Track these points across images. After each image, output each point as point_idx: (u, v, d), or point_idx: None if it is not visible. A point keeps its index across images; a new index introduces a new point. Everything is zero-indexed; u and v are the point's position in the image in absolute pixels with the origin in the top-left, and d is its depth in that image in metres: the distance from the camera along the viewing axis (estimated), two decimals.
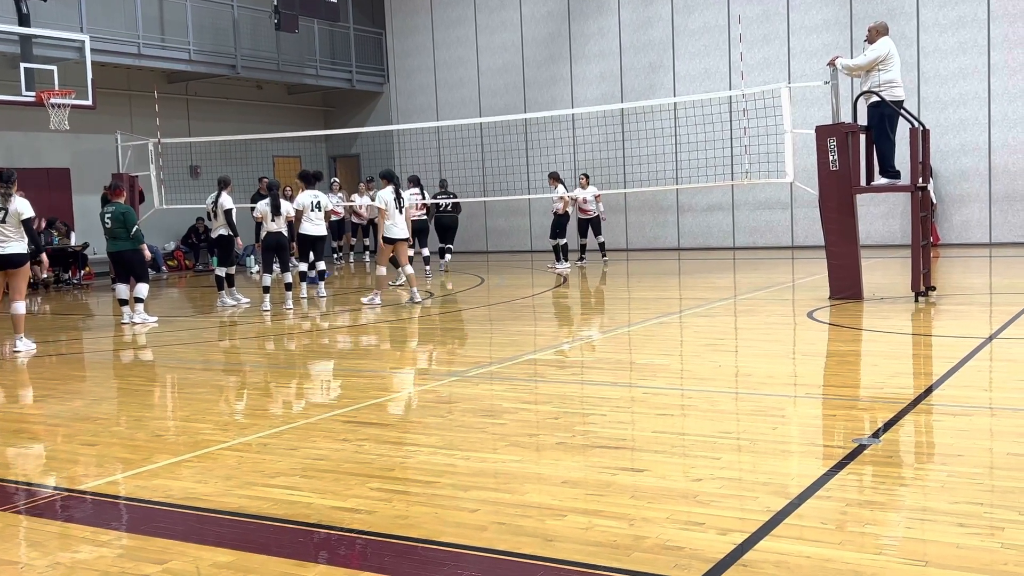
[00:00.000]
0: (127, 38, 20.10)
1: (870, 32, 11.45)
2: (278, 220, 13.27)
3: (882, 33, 11.35)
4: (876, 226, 19.88)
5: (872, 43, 11.31)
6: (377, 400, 7.06)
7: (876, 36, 11.33)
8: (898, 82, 11.27)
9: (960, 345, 8.18)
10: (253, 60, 22.79)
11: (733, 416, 6.15)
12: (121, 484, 5.14)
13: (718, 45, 21.49)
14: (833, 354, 8.54)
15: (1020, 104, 18.84)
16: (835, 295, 11.51)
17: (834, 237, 11.53)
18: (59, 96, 16.74)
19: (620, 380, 7.52)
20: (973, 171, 19.38)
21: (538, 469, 5.01)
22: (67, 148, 20.35)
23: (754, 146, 17.81)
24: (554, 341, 9.83)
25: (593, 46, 23.02)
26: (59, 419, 6.88)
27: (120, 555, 4.02)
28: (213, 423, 6.44)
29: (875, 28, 11.45)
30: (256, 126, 23.36)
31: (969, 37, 19.18)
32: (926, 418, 5.88)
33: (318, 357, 9.59)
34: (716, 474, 4.76)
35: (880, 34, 11.33)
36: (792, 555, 3.66)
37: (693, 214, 22.34)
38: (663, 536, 3.92)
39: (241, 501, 4.68)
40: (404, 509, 4.45)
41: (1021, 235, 19.02)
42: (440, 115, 24.62)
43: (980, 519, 3.97)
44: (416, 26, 25.49)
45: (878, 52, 11.09)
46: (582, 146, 22.20)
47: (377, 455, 5.42)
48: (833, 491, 4.42)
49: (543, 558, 3.76)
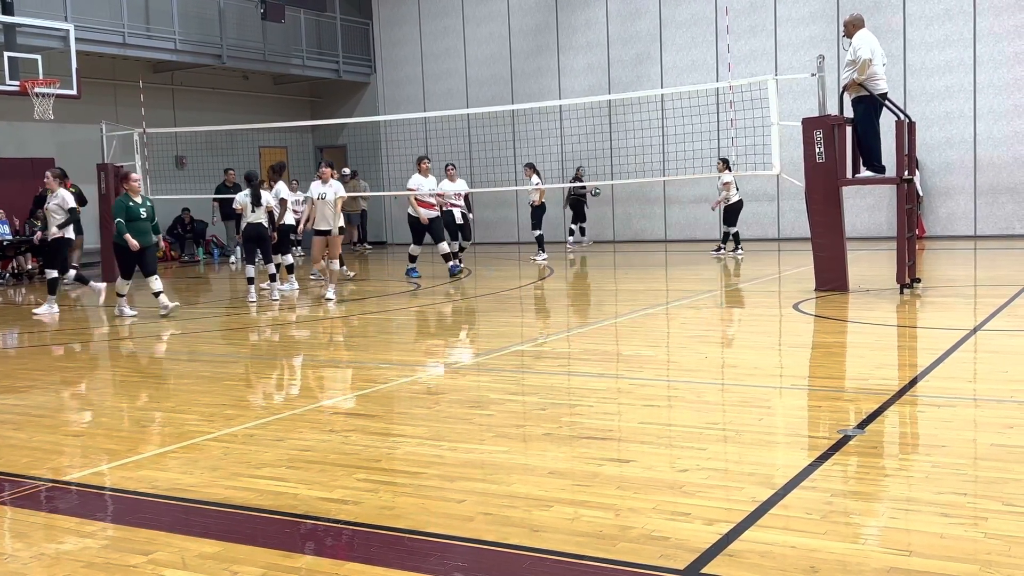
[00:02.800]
0: (112, 27, 19.96)
1: (847, 27, 11.33)
2: (258, 211, 13.29)
3: (858, 26, 11.18)
4: (862, 218, 19.94)
5: (850, 37, 11.19)
6: (363, 391, 7.05)
7: (853, 30, 11.18)
8: (880, 75, 11.23)
9: (945, 337, 8.23)
10: (239, 50, 22.67)
11: (719, 407, 6.17)
12: (106, 475, 5.12)
13: (705, 37, 21.49)
14: (819, 345, 8.57)
15: (1005, 97, 18.92)
16: (821, 287, 11.54)
17: (820, 229, 11.56)
18: (43, 85, 16.61)
19: (607, 371, 7.53)
20: (958, 164, 19.46)
21: (525, 460, 5.01)
22: (52, 138, 20.21)
23: (741, 138, 17.84)
24: (541, 332, 9.83)
25: (580, 37, 22.99)
26: (44, 410, 6.85)
27: (105, 546, 4.01)
28: (199, 414, 6.42)
29: (851, 22, 11.31)
30: (242, 116, 23.25)
31: (955, 30, 19.24)
32: (911, 409, 5.91)
33: (304, 348, 9.57)
34: (702, 465, 4.77)
35: (857, 27, 11.17)
36: (777, 545, 3.68)
37: (680, 206, 22.37)
38: (649, 526, 3.94)
39: (227, 492, 4.67)
40: (391, 500, 4.45)
41: (1006, 228, 19.12)
42: (427, 106, 24.56)
43: (964, 509, 4.00)
44: (403, 16, 25.40)
45: (862, 50, 10.96)
46: (569, 137, 22.19)
47: (364, 446, 5.42)
48: (818, 482, 4.44)
49: (529, 548, 3.77)
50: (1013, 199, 19.04)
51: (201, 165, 22.01)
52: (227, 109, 23.73)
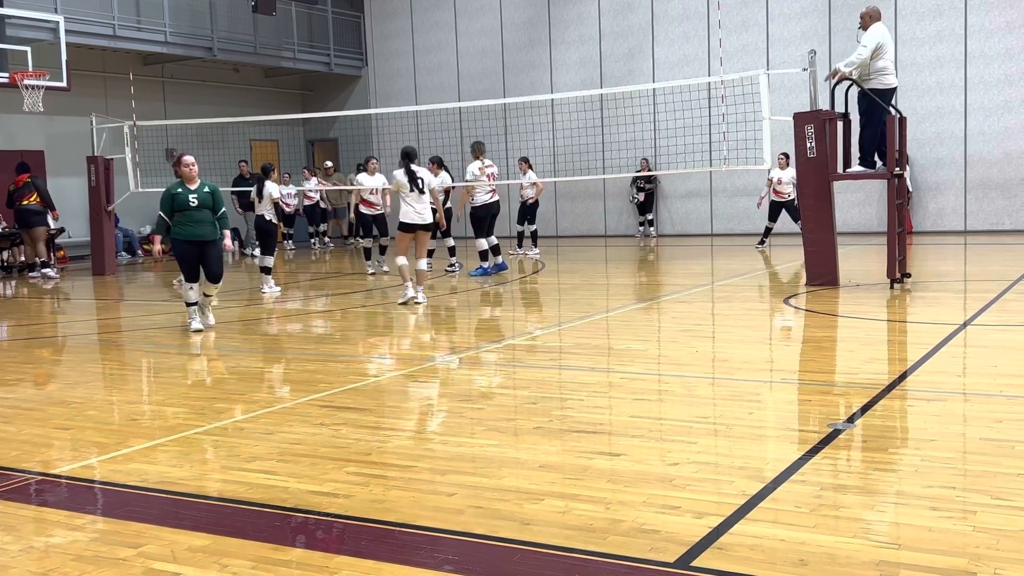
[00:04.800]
0: (102, 19, 19.87)
1: (863, 18, 11.22)
2: (262, 203, 13.34)
3: (875, 19, 11.08)
4: (852, 213, 19.98)
5: (865, 29, 11.09)
6: (354, 385, 7.05)
7: (869, 22, 11.09)
8: (890, 70, 11.10)
9: (934, 331, 8.25)
10: (230, 43, 22.59)
11: (710, 401, 6.18)
12: (96, 468, 5.11)
13: (697, 32, 21.50)
14: (809, 340, 8.59)
15: (996, 93, 18.97)
16: (811, 282, 11.57)
17: (811, 224, 11.58)
18: (33, 77, 16.53)
19: (598, 365, 7.54)
20: (948, 159, 19.51)
21: (515, 453, 5.01)
22: (41, 130, 20.13)
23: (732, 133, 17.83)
24: (532, 326, 9.83)
25: (573, 32, 22.97)
26: (33, 403, 6.82)
27: (94, 539, 4.00)
28: (189, 407, 6.41)
29: (867, 14, 11.20)
30: (233, 109, 23.17)
31: (946, 26, 19.28)
32: (900, 403, 5.93)
33: (295, 342, 9.55)
34: (692, 458, 4.78)
35: (872, 20, 11.08)
36: (767, 538, 3.69)
37: (671, 201, 22.38)
38: (639, 520, 3.94)
39: (217, 485, 4.66)
40: (381, 493, 4.45)
41: (995, 223, 19.19)
42: (419, 99, 24.51)
43: (953, 503, 4.01)
44: (395, 9, 25.34)
45: (872, 42, 10.89)
46: (561, 132, 22.19)
47: (354, 439, 5.41)
48: (808, 475, 4.45)
49: (520, 541, 3.77)
50: (1002, 195, 19.10)
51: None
52: (218, 102, 23.65)
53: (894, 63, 11.25)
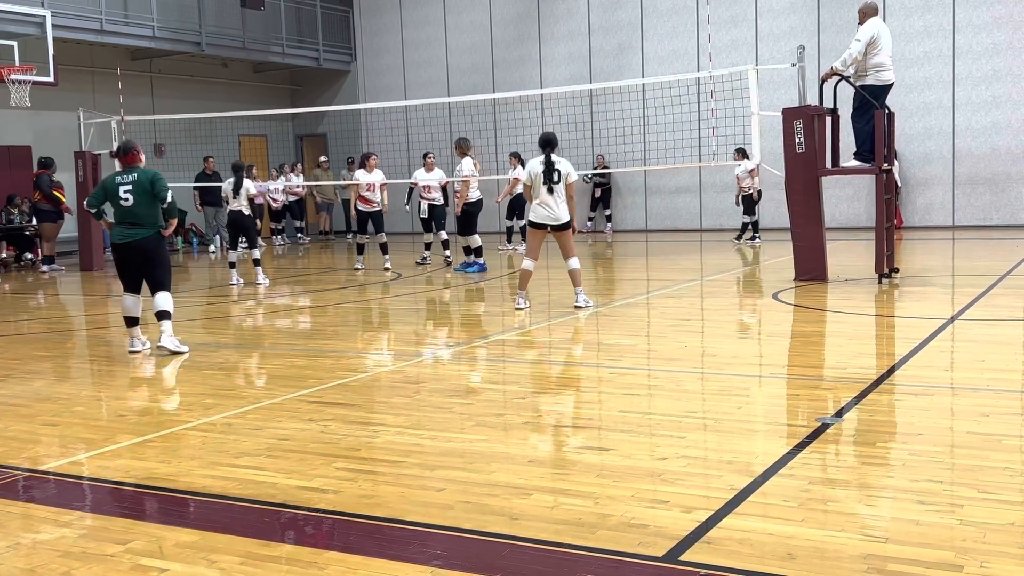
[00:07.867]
0: (89, 14, 19.77)
1: (860, 14, 11.22)
2: (239, 199, 13.84)
3: (871, 14, 11.07)
4: (841, 208, 20.04)
5: (862, 24, 11.06)
6: (343, 380, 7.03)
7: (864, 18, 11.08)
8: (887, 65, 11.04)
9: (922, 326, 8.28)
10: (218, 37, 22.51)
11: (698, 396, 6.19)
12: (84, 464, 5.09)
13: (686, 27, 21.51)
14: (797, 335, 8.61)
15: (984, 88, 19.03)
16: (800, 276, 11.59)
17: (800, 219, 11.60)
18: (20, 72, 16.45)
19: (587, 360, 7.54)
20: (937, 154, 19.58)
21: (505, 449, 5.01)
22: (28, 125, 20.03)
23: (721, 128, 17.87)
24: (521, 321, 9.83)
25: (562, 26, 22.96)
26: (20, 399, 6.79)
27: (82, 535, 3.99)
28: (177, 403, 6.39)
29: (863, 9, 11.18)
30: (221, 104, 23.10)
31: (934, 21, 19.33)
32: (888, 398, 5.95)
33: (284, 337, 9.54)
34: (681, 453, 4.79)
35: (869, 15, 11.06)
36: (755, 532, 3.70)
37: (661, 196, 22.40)
38: (628, 514, 3.95)
39: (205, 481, 4.65)
40: (370, 489, 4.45)
41: (983, 218, 19.26)
42: (408, 95, 24.46)
43: (940, 496, 4.03)
44: (384, 4, 25.28)
45: (866, 36, 10.83)
46: (550, 127, 22.14)
47: (343, 435, 5.40)
48: (796, 469, 4.47)
49: (509, 536, 3.77)
50: (990, 190, 19.18)
51: (180, 153, 21.86)
52: (206, 97, 23.57)
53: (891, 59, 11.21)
